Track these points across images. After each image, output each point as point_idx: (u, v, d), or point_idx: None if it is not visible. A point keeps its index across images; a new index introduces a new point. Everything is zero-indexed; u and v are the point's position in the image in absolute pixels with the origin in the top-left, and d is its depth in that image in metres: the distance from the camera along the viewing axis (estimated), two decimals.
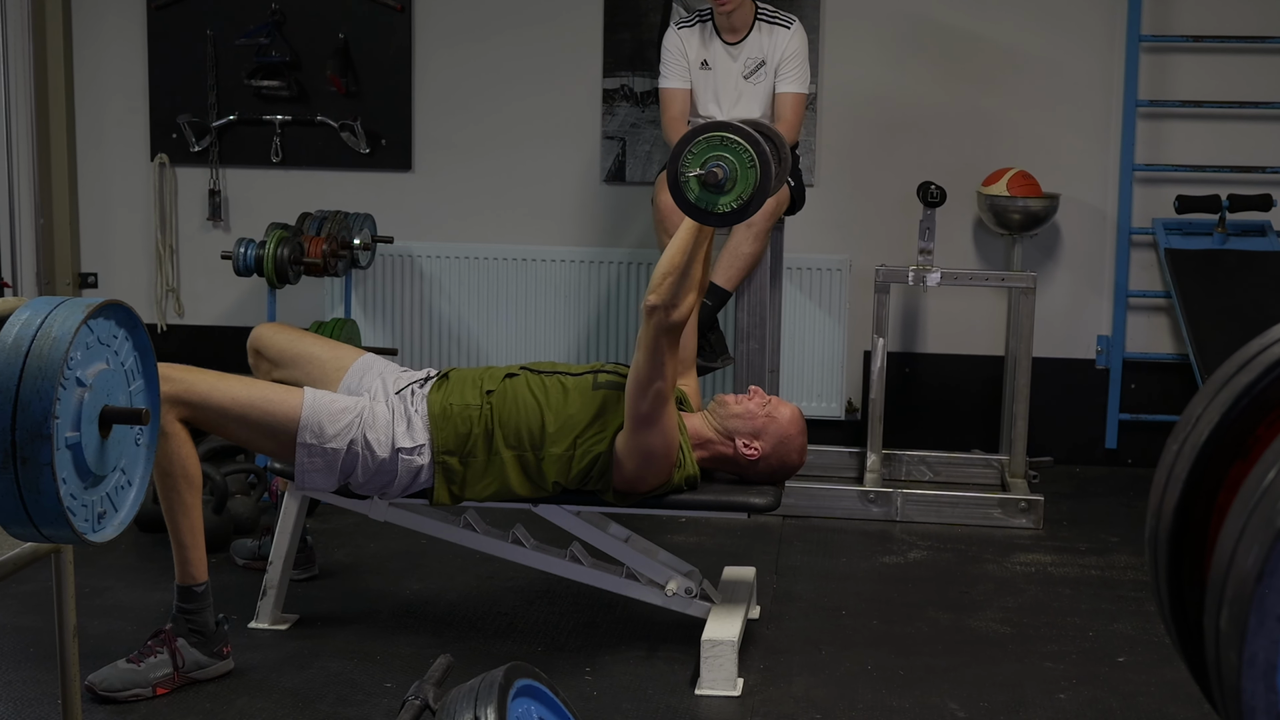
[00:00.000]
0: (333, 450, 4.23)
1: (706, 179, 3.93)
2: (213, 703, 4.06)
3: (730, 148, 3.93)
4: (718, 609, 4.43)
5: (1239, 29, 6.74)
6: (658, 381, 4.09)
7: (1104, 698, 4.24)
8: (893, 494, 6.08)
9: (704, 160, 3.93)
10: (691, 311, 4.12)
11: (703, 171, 3.93)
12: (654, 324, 4.05)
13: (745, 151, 3.93)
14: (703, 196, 3.96)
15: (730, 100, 6.15)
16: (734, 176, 3.93)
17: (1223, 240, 6.64)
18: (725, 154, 3.93)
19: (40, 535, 2.54)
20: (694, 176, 3.94)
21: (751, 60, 6.12)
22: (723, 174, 3.92)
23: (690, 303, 4.10)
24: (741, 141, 3.93)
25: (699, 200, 3.97)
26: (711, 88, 6.16)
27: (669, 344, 4.07)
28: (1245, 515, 1.54)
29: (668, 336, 4.06)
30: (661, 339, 4.05)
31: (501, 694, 2.40)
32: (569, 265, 7.04)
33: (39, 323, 2.50)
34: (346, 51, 7.11)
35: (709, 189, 3.94)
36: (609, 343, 7.02)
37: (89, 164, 7.43)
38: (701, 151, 3.94)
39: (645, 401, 4.13)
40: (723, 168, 3.92)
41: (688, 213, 4.04)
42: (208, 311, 7.42)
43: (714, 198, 3.96)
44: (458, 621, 4.77)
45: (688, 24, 6.21)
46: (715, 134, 3.95)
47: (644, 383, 4.11)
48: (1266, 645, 1.49)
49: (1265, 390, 1.75)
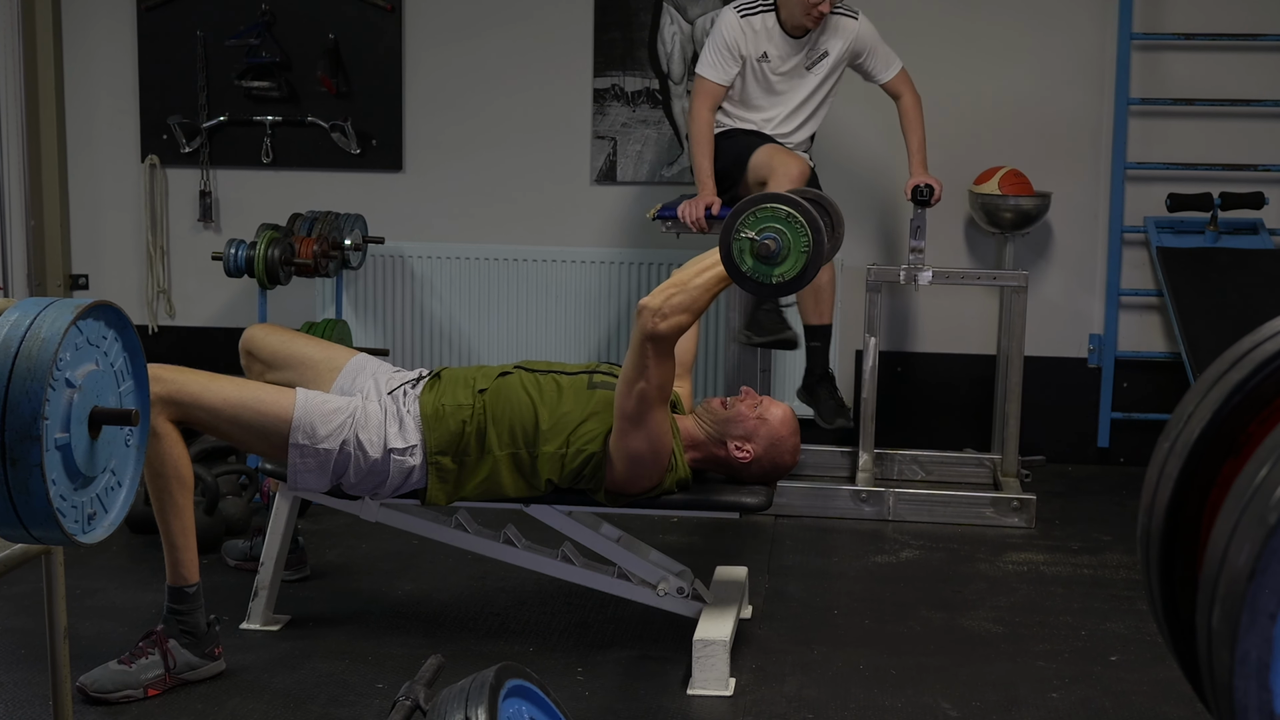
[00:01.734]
0: (325, 451, 4.22)
1: (759, 251, 3.92)
2: (204, 704, 4.06)
3: (782, 218, 3.92)
4: (709, 609, 4.43)
5: (1230, 26, 6.74)
6: (640, 383, 4.08)
7: (1096, 697, 4.24)
8: (885, 493, 6.08)
9: (757, 231, 3.92)
10: (680, 332, 4.08)
11: (756, 241, 3.92)
12: (641, 325, 4.04)
13: (797, 221, 3.92)
14: (756, 268, 3.95)
15: (787, 92, 6.10)
16: (787, 247, 3.92)
17: (1215, 238, 6.64)
18: (777, 225, 3.92)
19: (30, 536, 2.53)
20: (748, 247, 3.93)
21: (814, 52, 6.06)
22: (775, 246, 3.91)
23: (680, 323, 4.04)
24: (793, 211, 3.92)
25: (752, 271, 3.95)
26: (767, 80, 6.07)
27: (654, 350, 4.04)
28: (1237, 513, 1.54)
29: (653, 343, 4.04)
30: (647, 343, 4.04)
31: (493, 694, 2.40)
32: (560, 265, 7.03)
33: (28, 324, 2.49)
34: (337, 52, 7.10)
35: (762, 260, 3.94)
36: (600, 343, 7.01)
37: (79, 165, 7.42)
38: (754, 223, 3.93)
39: (630, 401, 4.12)
40: (775, 239, 3.91)
41: (741, 284, 4.03)
42: (199, 313, 7.42)
43: (768, 269, 3.94)
44: (449, 622, 4.77)
45: (751, 11, 6.03)
46: (766, 205, 3.93)
47: (629, 381, 4.11)
48: (1259, 643, 1.48)
49: (1257, 387, 1.75)
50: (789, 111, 6.14)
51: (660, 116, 7.04)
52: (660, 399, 4.14)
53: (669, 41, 7.00)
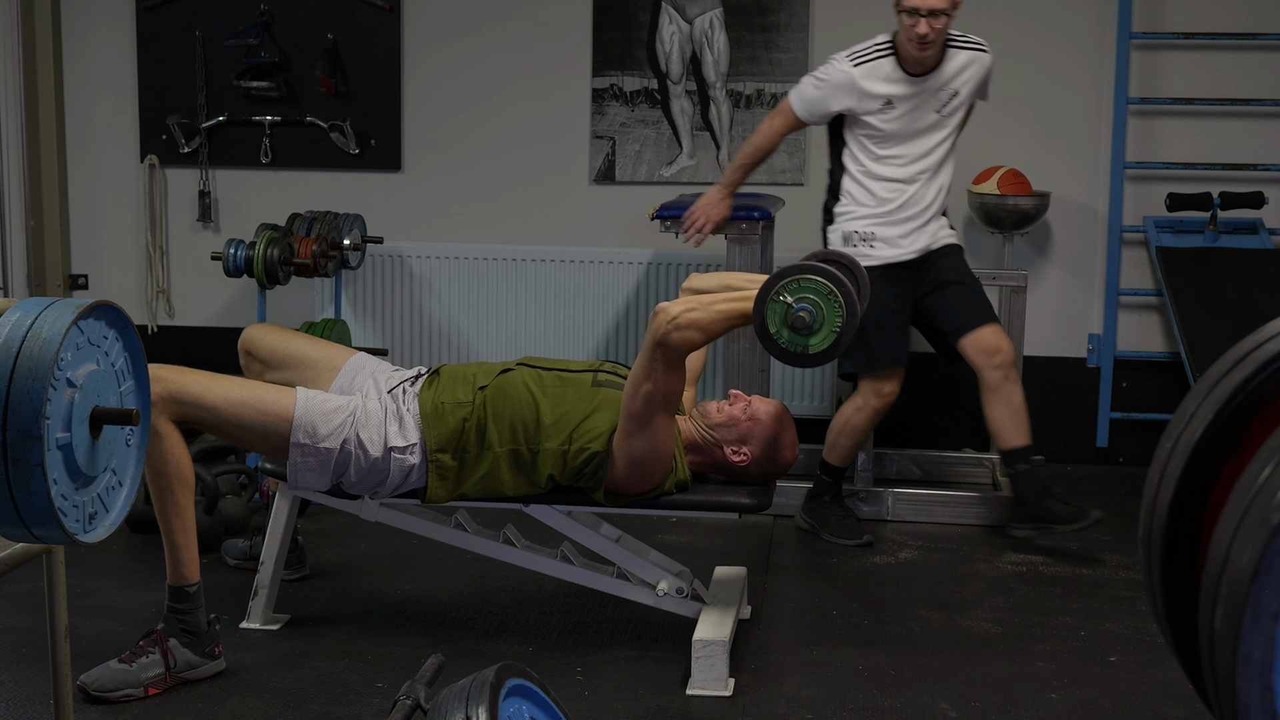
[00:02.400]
0: (326, 450, 4.22)
1: (794, 324, 3.94)
2: (204, 703, 4.06)
3: (823, 294, 3.95)
4: (709, 609, 4.43)
5: (1230, 26, 6.74)
6: (647, 384, 4.09)
7: (1096, 697, 4.24)
8: (883, 493, 6.08)
9: (789, 304, 3.95)
10: (689, 348, 4.07)
11: (791, 309, 3.95)
12: (654, 328, 4.04)
13: (827, 289, 3.95)
14: (792, 339, 3.98)
15: (913, 137, 5.65)
16: (821, 316, 3.95)
17: (1214, 238, 6.64)
18: (809, 295, 3.95)
19: (31, 536, 2.53)
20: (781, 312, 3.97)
21: (945, 93, 5.64)
22: (810, 317, 3.94)
23: (690, 339, 4.04)
24: (822, 280, 3.95)
25: (789, 343, 3.99)
26: (893, 128, 5.64)
27: (663, 356, 4.05)
28: (1240, 512, 1.54)
29: (662, 349, 4.04)
30: (657, 348, 4.04)
31: (493, 693, 2.40)
32: (559, 265, 7.03)
33: (29, 324, 2.49)
34: (335, 52, 7.10)
35: (798, 332, 3.96)
36: (599, 343, 7.01)
37: (79, 165, 7.42)
38: (793, 290, 3.96)
39: (636, 401, 4.12)
40: (808, 310, 3.94)
41: (778, 357, 4.05)
42: (198, 312, 7.41)
43: (804, 339, 3.97)
44: (449, 622, 4.77)
45: (866, 59, 5.62)
46: (793, 278, 3.96)
47: (636, 382, 4.11)
48: (1262, 643, 1.48)
49: (1259, 387, 1.75)
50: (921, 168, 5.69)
51: (659, 116, 7.04)
52: (666, 404, 4.14)
53: (668, 41, 7.00)
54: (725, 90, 7.00)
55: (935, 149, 5.69)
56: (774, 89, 6.95)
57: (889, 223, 5.70)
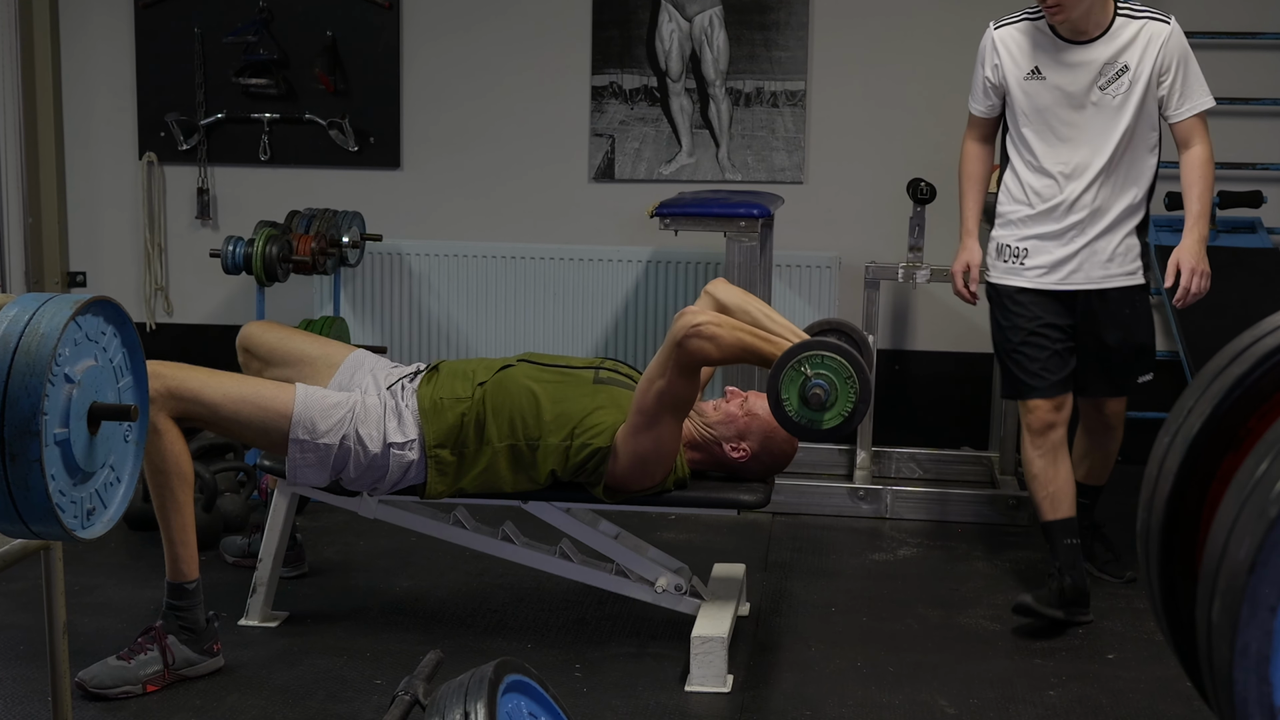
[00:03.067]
0: (325, 446, 4.23)
1: (809, 398, 3.99)
2: (203, 700, 4.06)
3: (833, 366, 3.99)
4: (707, 606, 4.43)
5: (1228, 25, 6.74)
6: (659, 381, 4.10)
7: (1093, 695, 4.24)
8: (882, 491, 6.08)
9: (808, 376, 3.99)
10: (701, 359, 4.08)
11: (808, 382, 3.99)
12: (675, 327, 4.05)
13: (847, 373, 3.99)
14: (802, 411, 4.02)
15: (1069, 118, 4.79)
16: (834, 393, 3.99)
17: (1213, 237, 6.63)
18: (827, 372, 3.99)
19: (29, 532, 2.53)
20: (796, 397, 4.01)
21: (1110, 66, 4.75)
22: (824, 394, 3.99)
23: (705, 351, 4.04)
24: (844, 362, 3.99)
25: (802, 418, 4.03)
26: (1042, 103, 4.82)
27: (678, 358, 4.05)
28: (1238, 507, 1.54)
29: (678, 350, 4.04)
30: (674, 348, 4.05)
31: (491, 689, 2.40)
32: (558, 263, 7.03)
33: (27, 319, 2.49)
34: (334, 49, 7.10)
35: (809, 406, 4.01)
36: (598, 340, 7.01)
37: (77, 162, 7.43)
38: (797, 375, 4.00)
39: (649, 397, 4.13)
40: (823, 387, 3.99)
41: (793, 433, 4.11)
42: (197, 310, 7.42)
43: (818, 415, 4.02)
44: (447, 618, 4.77)
45: (1010, 21, 4.89)
46: (816, 354, 4.00)
47: (650, 378, 4.13)
48: (1259, 636, 1.48)
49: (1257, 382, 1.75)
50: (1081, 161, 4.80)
51: (658, 114, 7.04)
52: (676, 407, 4.15)
53: (667, 39, 7.00)
54: (725, 88, 7.01)
55: (1103, 139, 4.77)
56: (773, 87, 6.96)
57: (1043, 233, 4.85)
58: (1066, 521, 4.84)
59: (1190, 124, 4.81)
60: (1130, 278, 4.89)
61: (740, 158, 7.04)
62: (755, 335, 4.12)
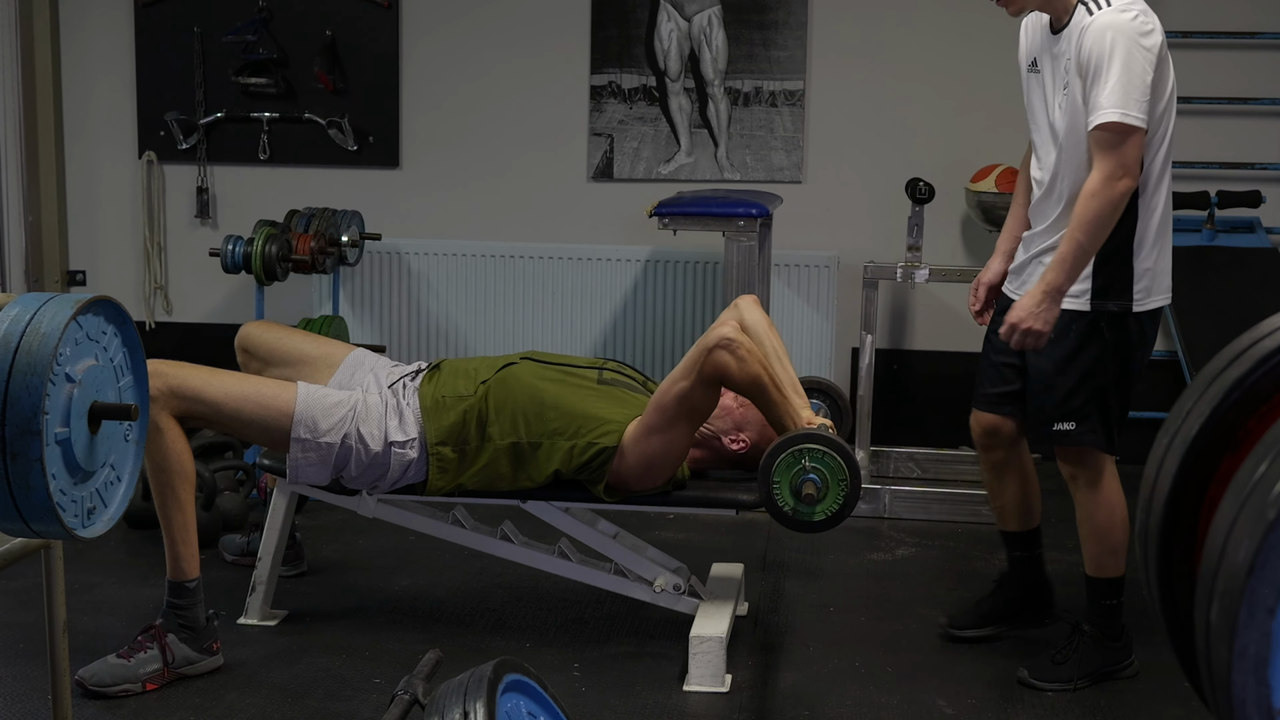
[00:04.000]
0: (327, 445, 4.23)
1: (798, 489, 4.05)
2: (202, 698, 4.06)
3: (831, 465, 4.05)
4: (706, 605, 4.43)
5: (1227, 25, 6.75)
6: (682, 381, 4.11)
7: (1091, 694, 4.24)
8: (881, 491, 6.08)
9: (804, 466, 4.04)
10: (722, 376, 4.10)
11: (802, 472, 4.04)
12: (709, 337, 4.08)
13: (842, 475, 4.05)
14: (798, 508, 4.08)
15: (1040, 121, 4.28)
16: (826, 486, 4.05)
17: (1211, 237, 6.65)
18: (823, 468, 4.05)
19: (30, 530, 2.53)
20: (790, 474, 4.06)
21: (1062, 63, 4.13)
22: (815, 490, 4.04)
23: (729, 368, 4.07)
24: (841, 463, 4.04)
25: (794, 511, 4.09)
26: (1032, 101, 4.32)
27: (705, 365, 4.08)
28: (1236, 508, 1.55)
29: (707, 355, 4.07)
30: (704, 354, 4.06)
31: (490, 689, 2.40)
32: (557, 262, 7.03)
33: (28, 319, 2.49)
34: (334, 49, 7.10)
35: (797, 497, 4.06)
36: (597, 339, 7.01)
37: (77, 161, 7.43)
38: (790, 465, 4.05)
39: (670, 396, 4.15)
40: (814, 482, 4.04)
41: (783, 523, 4.14)
42: (196, 309, 7.42)
43: (809, 509, 4.08)
44: (446, 617, 4.77)
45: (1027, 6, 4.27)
46: (818, 447, 4.05)
47: (674, 378, 4.15)
48: (1257, 638, 1.49)
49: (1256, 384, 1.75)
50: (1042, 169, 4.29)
51: (657, 114, 7.04)
52: (692, 414, 4.17)
53: (666, 38, 7.01)
54: (723, 88, 7.01)
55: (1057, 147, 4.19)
56: (772, 86, 6.96)
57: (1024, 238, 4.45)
58: (1017, 534, 4.64)
59: (1092, 138, 4.01)
60: (1071, 300, 4.13)
61: (739, 157, 7.05)
62: (772, 383, 4.16)
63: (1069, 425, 4.27)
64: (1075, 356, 4.21)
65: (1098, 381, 4.22)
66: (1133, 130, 3.95)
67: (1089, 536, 4.38)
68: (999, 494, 4.60)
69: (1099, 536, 4.35)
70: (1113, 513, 4.36)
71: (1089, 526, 4.37)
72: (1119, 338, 4.20)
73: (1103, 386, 4.23)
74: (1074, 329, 4.18)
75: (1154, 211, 4.17)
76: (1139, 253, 4.16)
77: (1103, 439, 4.31)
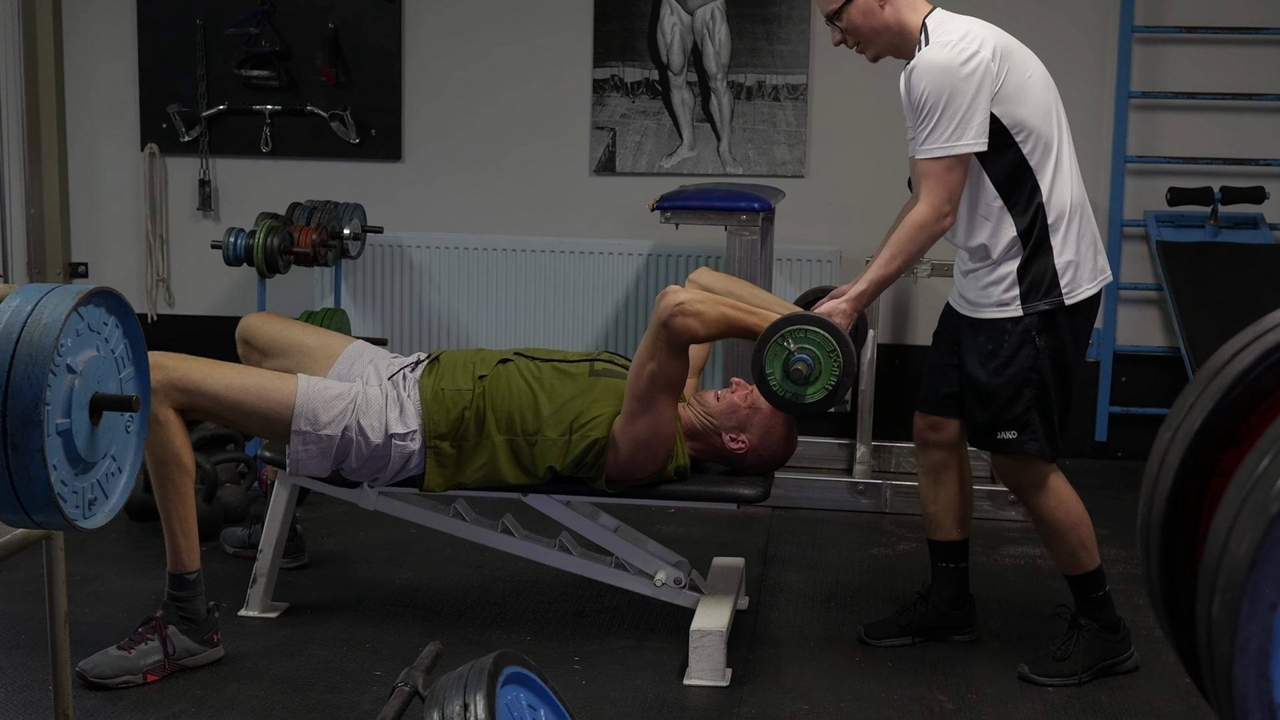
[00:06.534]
0: (327, 437, 4.23)
1: (791, 373, 4.00)
2: (203, 690, 4.06)
3: (816, 340, 4.01)
4: (706, 599, 4.43)
5: (1232, 20, 6.74)
6: (650, 364, 4.10)
7: (1092, 691, 4.24)
8: (882, 486, 6.08)
9: (790, 351, 4.01)
10: (688, 337, 4.06)
11: (791, 356, 4.00)
12: (659, 308, 4.05)
13: (830, 346, 4.00)
14: (784, 385, 4.04)
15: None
16: (818, 367, 4.01)
17: (1215, 233, 6.64)
18: (811, 346, 4.01)
19: (31, 521, 2.54)
20: (780, 361, 4.02)
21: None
22: (807, 368, 4.00)
23: (690, 329, 4.03)
24: (827, 336, 4.00)
25: (786, 393, 4.05)
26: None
27: (665, 338, 4.05)
28: (1238, 503, 1.54)
29: (664, 330, 4.04)
30: (660, 328, 4.04)
31: (491, 681, 2.40)
32: (559, 255, 7.03)
33: (29, 310, 2.50)
34: (336, 41, 7.10)
35: (793, 381, 4.02)
36: (598, 333, 7.01)
37: (79, 154, 7.43)
38: (781, 349, 4.02)
39: (641, 381, 4.13)
40: (805, 361, 4.00)
41: (776, 405, 4.10)
42: (198, 301, 7.42)
43: (802, 389, 4.03)
44: (447, 610, 4.77)
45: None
46: (800, 328, 4.01)
47: (640, 362, 4.13)
48: (1259, 633, 1.48)
49: (1259, 378, 1.74)
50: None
51: (660, 107, 7.04)
52: (668, 387, 4.15)
53: (669, 32, 7.00)
54: (726, 82, 7.01)
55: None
56: (775, 80, 6.96)
57: None
58: (946, 544, 4.57)
59: (917, 171, 4.23)
60: (1001, 309, 4.20)
61: (741, 151, 7.04)
62: (740, 309, 4.13)
63: (1010, 434, 4.29)
64: (1009, 365, 4.22)
65: (1034, 390, 4.24)
66: (954, 162, 4.11)
67: (1054, 539, 4.38)
68: (934, 499, 4.55)
69: (1062, 536, 4.35)
70: (1069, 509, 4.36)
71: (1050, 529, 4.36)
72: (1052, 342, 4.21)
73: (1040, 394, 4.25)
74: (1007, 339, 4.21)
75: (1055, 204, 4.19)
76: (1055, 248, 4.17)
77: (1045, 446, 4.31)
